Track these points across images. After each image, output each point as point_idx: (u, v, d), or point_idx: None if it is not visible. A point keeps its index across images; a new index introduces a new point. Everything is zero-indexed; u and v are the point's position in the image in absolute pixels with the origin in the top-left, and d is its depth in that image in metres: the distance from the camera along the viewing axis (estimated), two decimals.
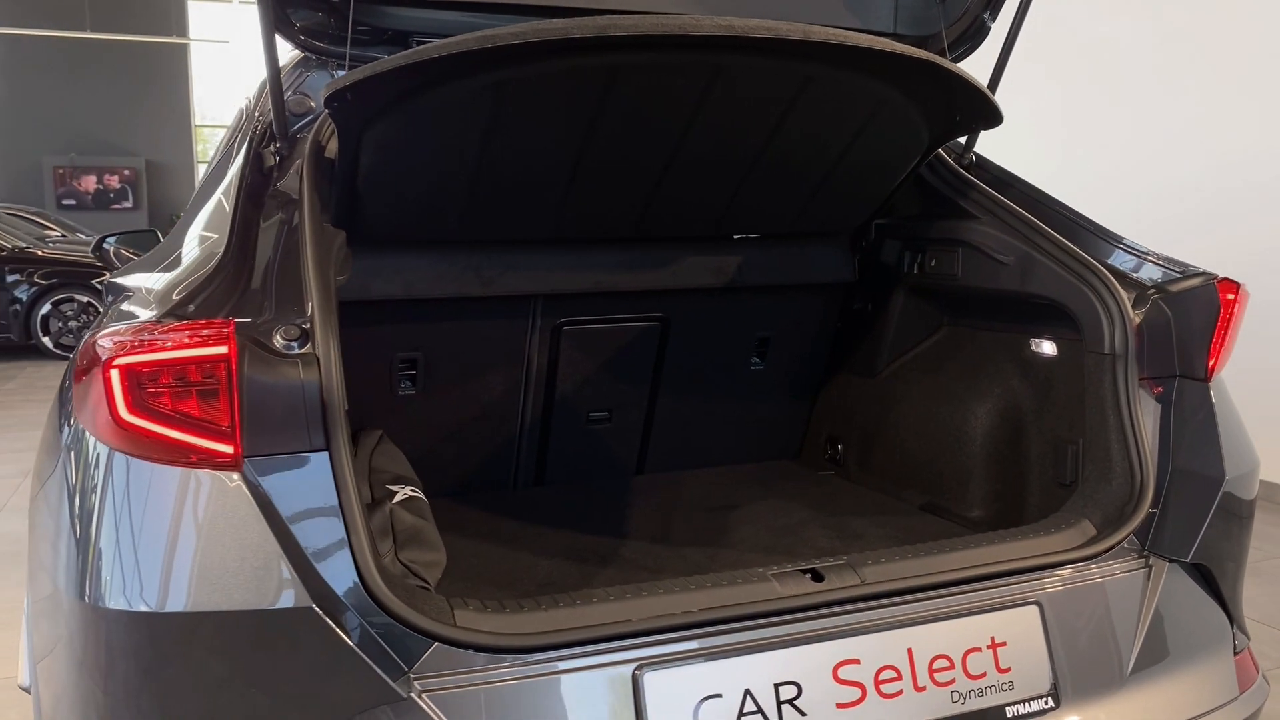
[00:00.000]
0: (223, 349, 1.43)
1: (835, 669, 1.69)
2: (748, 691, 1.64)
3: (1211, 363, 2.14)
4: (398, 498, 2.35)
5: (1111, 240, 2.38)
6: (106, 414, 1.47)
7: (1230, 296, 2.14)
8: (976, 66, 2.63)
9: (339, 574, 1.51)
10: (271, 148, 2.09)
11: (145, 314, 1.67)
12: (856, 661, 1.71)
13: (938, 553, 1.90)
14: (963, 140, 2.66)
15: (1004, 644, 1.82)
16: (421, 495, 2.41)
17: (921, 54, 1.97)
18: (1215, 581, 2.10)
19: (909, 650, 1.75)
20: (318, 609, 1.43)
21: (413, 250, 2.43)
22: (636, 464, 3.04)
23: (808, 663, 1.69)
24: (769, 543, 2.44)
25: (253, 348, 1.55)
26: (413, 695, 1.50)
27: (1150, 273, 2.27)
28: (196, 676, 1.44)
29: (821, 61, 2.06)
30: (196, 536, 1.45)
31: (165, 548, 1.46)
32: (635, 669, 1.59)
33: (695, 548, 2.42)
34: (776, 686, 1.66)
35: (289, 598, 1.43)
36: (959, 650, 1.78)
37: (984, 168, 2.66)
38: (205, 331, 1.45)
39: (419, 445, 2.73)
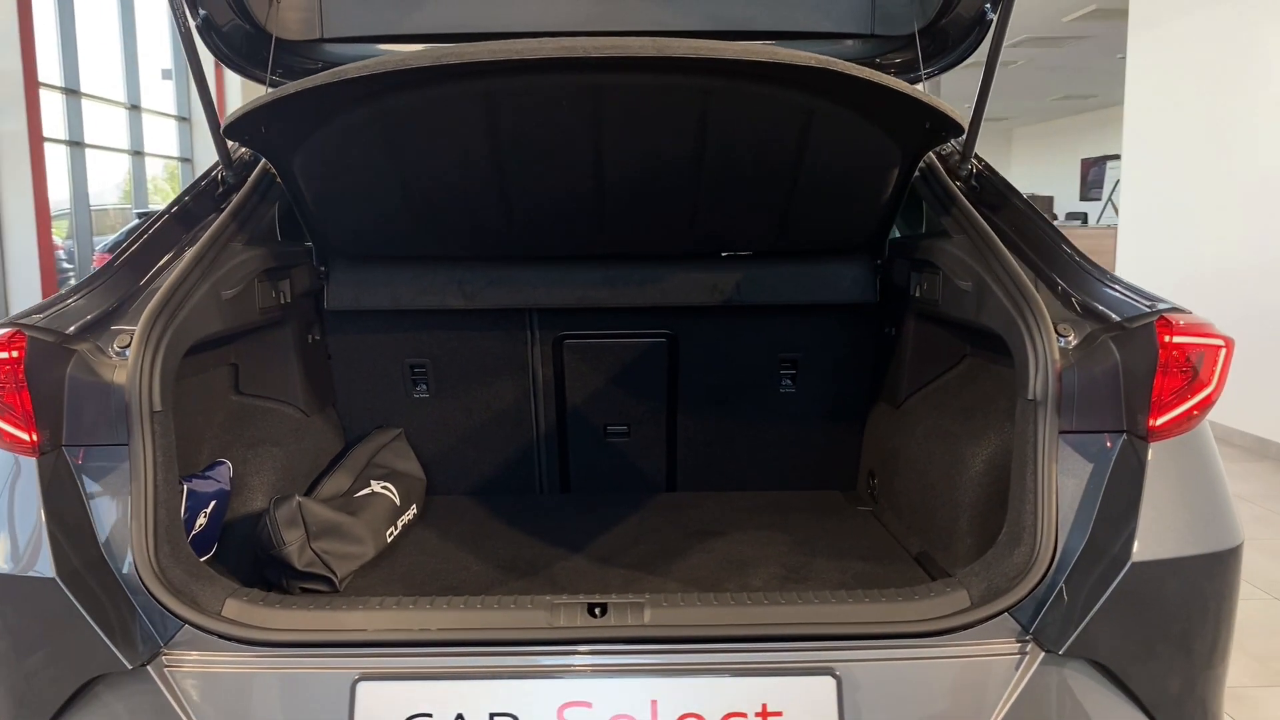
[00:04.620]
0: (4, 354, 1.71)
1: (561, 709, 1.65)
2: (460, 716, 1.65)
3: (1151, 419, 1.77)
4: (362, 492, 2.58)
5: (1093, 272, 2.03)
6: None
7: (1168, 339, 1.75)
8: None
9: (115, 554, 1.74)
10: (218, 174, 2.38)
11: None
12: (588, 705, 1.65)
13: (741, 604, 1.76)
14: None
15: (779, 713, 1.66)
16: (391, 493, 2.61)
17: (810, 59, 1.81)
18: (1128, 685, 1.73)
19: (653, 702, 1.66)
20: (60, 581, 1.66)
21: (398, 264, 2.63)
22: (666, 481, 3.02)
23: (534, 697, 1.66)
24: (702, 575, 2.35)
25: (83, 352, 1.82)
26: (149, 668, 1.69)
27: (1122, 309, 1.90)
28: None
29: (712, 75, 1.97)
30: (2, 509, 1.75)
31: None
32: (356, 678, 1.67)
33: (627, 570, 2.39)
34: (492, 715, 1.65)
35: (38, 568, 1.68)
36: (716, 712, 1.65)
37: (988, 179, 2.35)
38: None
39: (440, 444, 2.93)
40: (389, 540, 2.51)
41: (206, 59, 2.27)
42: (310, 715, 1.67)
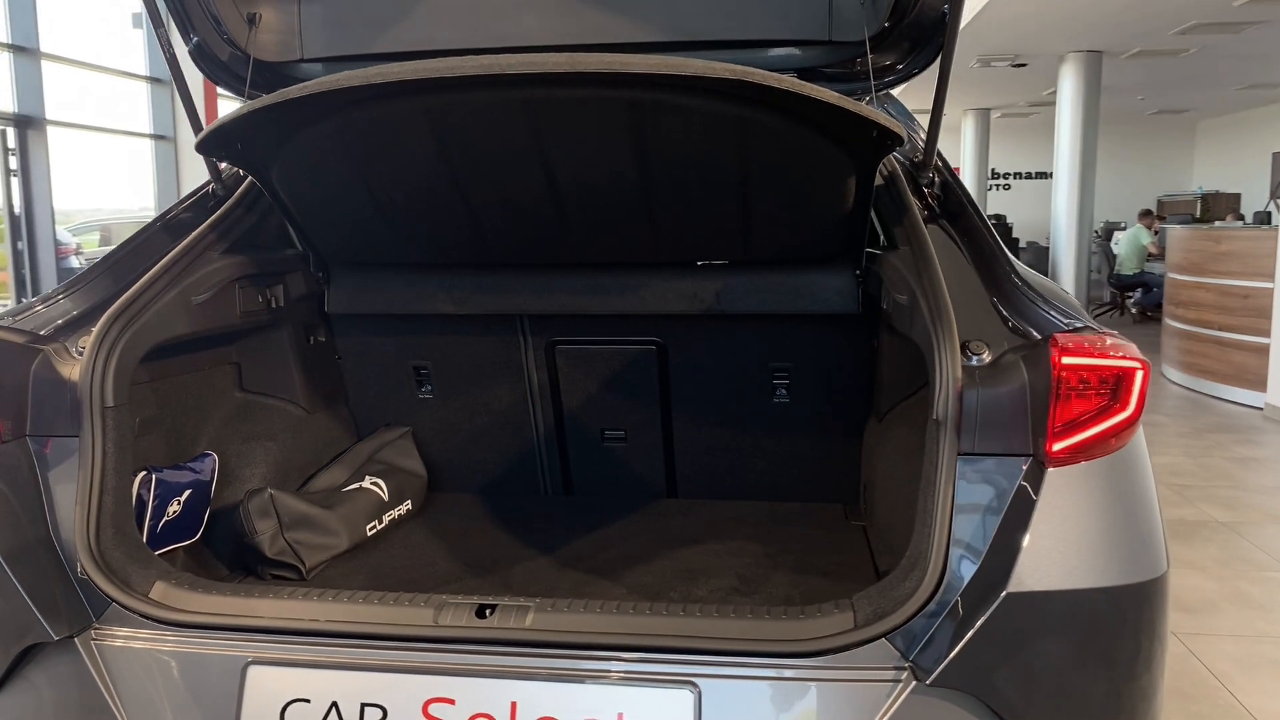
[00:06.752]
0: None
1: (426, 704, 1.71)
2: (335, 704, 1.74)
3: (1051, 444, 1.68)
4: (350, 486, 2.72)
5: (1028, 291, 1.93)
6: None
7: (1064, 360, 1.65)
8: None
9: (61, 536, 1.92)
10: (209, 188, 2.55)
11: None
12: (451, 702, 1.71)
13: (622, 614, 1.78)
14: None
15: None
16: (380, 489, 2.74)
17: (725, 70, 1.81)
18: None
19: (513, 704, 1.70)
20: (1, 558, 1.85)
21: (391, 270, 2.75)
22: (666, 487, 3.03)
23: (402, 691, 1.73)
24: (651, 582, 2.37)
25: (49, 351, 2.02)
26: (76, 641, 1.86)
27: (1046, 329, 1.81)
28: None
29: (636, 88, 1.99)
30: None
31: None
32: (248, 662, 1.79)
33: (582, 573, 2.43)
34: (363, 705, 1.73)
35: None
36: (573, 717, 1.68)
37: (951, 188, 2.26)
38: None
39: (445, 444, 3.05)
40: (369, 534, 2.63)
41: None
42: (207, 694, 1.80)
